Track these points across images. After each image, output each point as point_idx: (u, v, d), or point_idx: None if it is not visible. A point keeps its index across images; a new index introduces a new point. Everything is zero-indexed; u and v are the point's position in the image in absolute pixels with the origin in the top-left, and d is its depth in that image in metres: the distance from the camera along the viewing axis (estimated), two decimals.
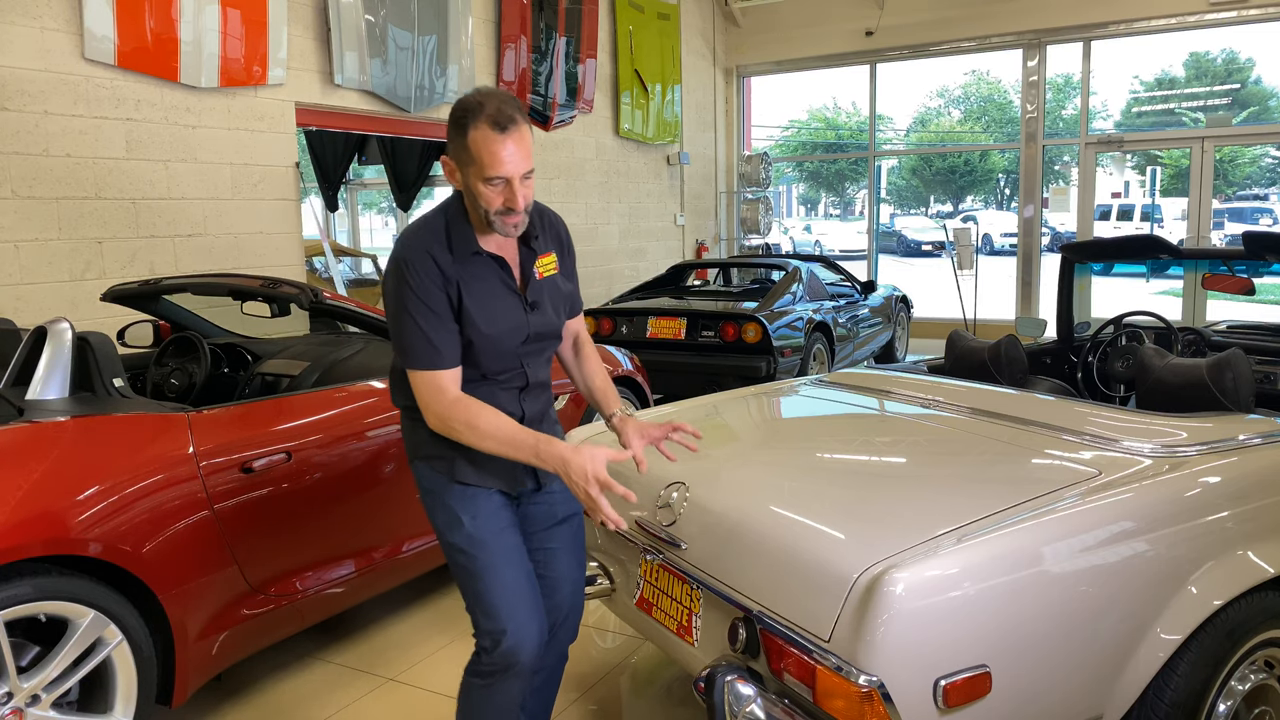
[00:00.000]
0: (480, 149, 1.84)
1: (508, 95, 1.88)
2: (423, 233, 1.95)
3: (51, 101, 4.52)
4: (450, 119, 1.89)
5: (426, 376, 1.91)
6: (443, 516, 2.03)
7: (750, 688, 1.87)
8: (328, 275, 9.15)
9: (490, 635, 1.97)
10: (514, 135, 1.84)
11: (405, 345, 1.92)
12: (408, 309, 1.91)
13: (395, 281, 1.92)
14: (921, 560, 1.71)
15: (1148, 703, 1.92)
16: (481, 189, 1.87)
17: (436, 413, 1.91)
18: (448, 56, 6.79)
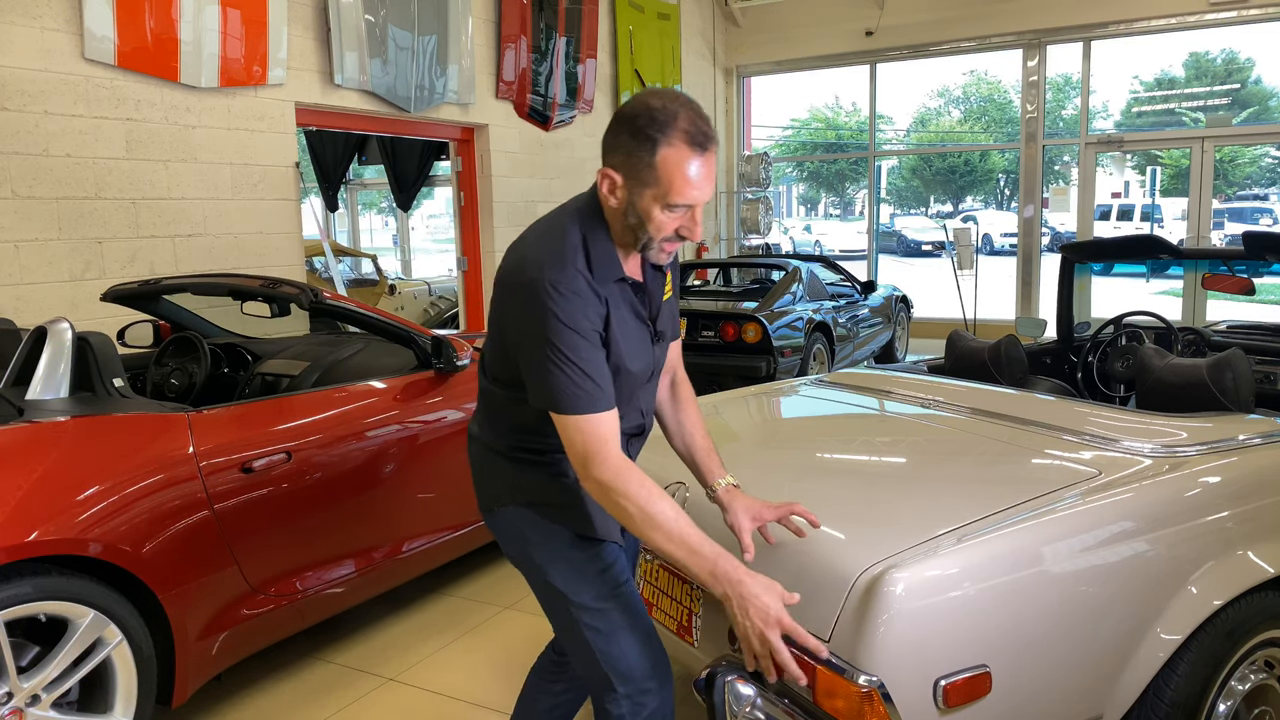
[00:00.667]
0: (672, 171, 1.57)
1: (696, 104, 1.61)
2: (563, 249, 1.63)
3: (51, 101, 4.52)
4: (628, 126, 1.60)
5: (588, 423, 1.59)
6: (563, 573, 1.76)
7: (750, 688, 1.86)
8: (328, 275, 9.16)
9: (631, 699, 1.75)
10: (710, 155, 1.60)
11: (557, 386, 1.59)
12: (558, 342, 1.58)
13: (536, 308, 1.59)
14: (921, 560, 1.71)
15: (1148, 703, 1.92)
16: (657, 214, 1.61)
17: (603, 475, 1.59)
18: (448, 56, 6.79)
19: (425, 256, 20.43)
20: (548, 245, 1.65)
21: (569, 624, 1.79)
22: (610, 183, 1.64)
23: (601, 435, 1.60)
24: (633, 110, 1.61)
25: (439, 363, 3.58)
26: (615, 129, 1.63)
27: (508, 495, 1.80)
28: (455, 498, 3.63)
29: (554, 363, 1.59)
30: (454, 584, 3.93)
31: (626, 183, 1.62)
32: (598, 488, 1.61)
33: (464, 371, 3.70)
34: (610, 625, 1.76)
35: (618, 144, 1.62)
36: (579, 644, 1.79)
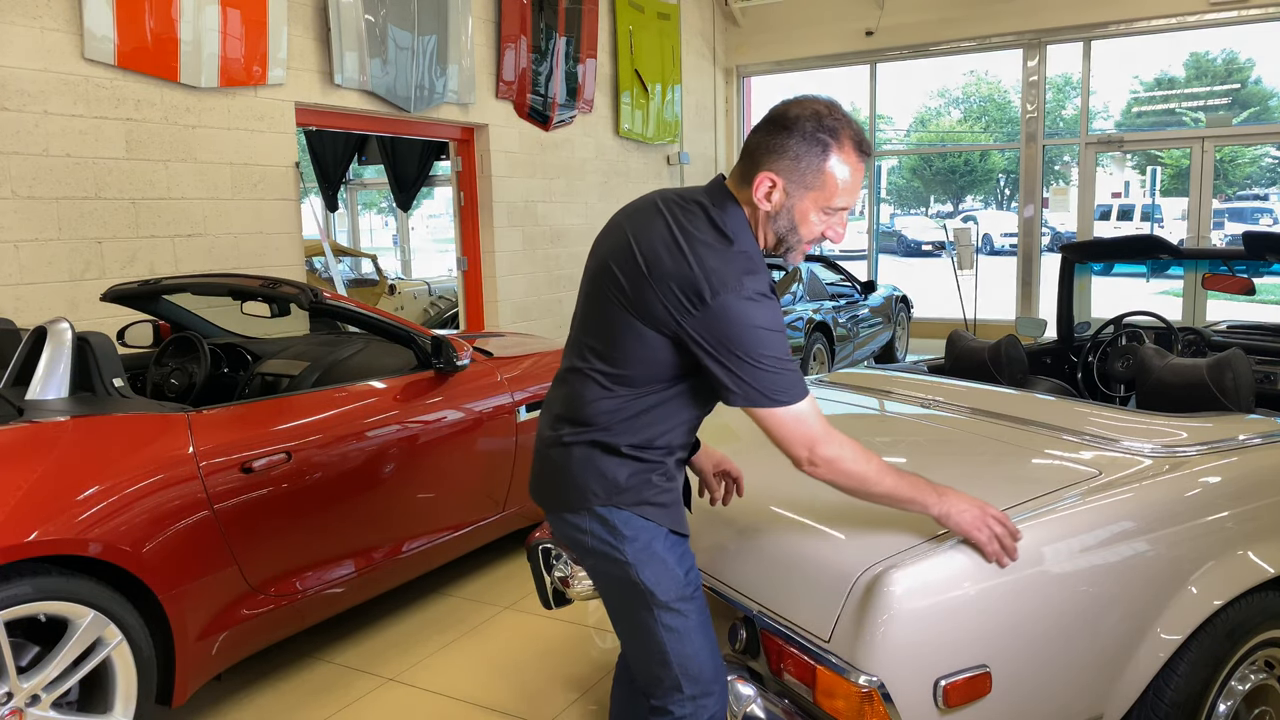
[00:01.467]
0: (841, 176, 1.66)
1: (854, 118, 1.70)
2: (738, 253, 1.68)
3: (51, 101, 4.52)
4: (796, 131, 1.65)
5: (808, 407, 1.68)
6: (654, 571, 1.77)
7: (750, 688, 1.86)
8: (327, 275, 9.16)
9: (695, 700, 1.79)
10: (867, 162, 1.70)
11: (775, 384, 1.64)
12: (770, 345, 1.64)
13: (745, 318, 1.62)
14: (921, 560, 1.71)
15: (1148, 703, 1.92)
16: (813, 217, 1.69)
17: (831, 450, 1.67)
18: (448, 56, 6.78)
19: (425, 256, 20.43)
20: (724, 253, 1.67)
21: (644, 623, 1.80)
22: (770, 185, 1.68)
23: (817, 419, 1.69)
24: (799, 114, 1.66)
25: (439, 363, 3.58)
26: (778, 132, 1.67)
27: (605, 497, 1.78)
28: (455, 498, 3.63)
29: (764, 366, 1.64)
30: (454, 584, 3.93)
31: (787, 185, 1.67)
32: (827, 464, 1.68)
33: (464, 371, 3.70)
34: (686, 626, 1.79)
35: (783, 147, 1.66)
36: (651, 643, 1.80)
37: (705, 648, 1.80)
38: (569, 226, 8.51)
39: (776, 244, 1.74)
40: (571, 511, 1.82)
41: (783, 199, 1.68)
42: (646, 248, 1.71)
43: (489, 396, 3.79)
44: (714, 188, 1.76)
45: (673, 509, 1.82)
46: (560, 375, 1.89)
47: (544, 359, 4.23)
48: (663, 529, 1.79)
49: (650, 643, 1.80)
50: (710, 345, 1.65)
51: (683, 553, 1.82)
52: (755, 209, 1.71)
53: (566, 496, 1.82)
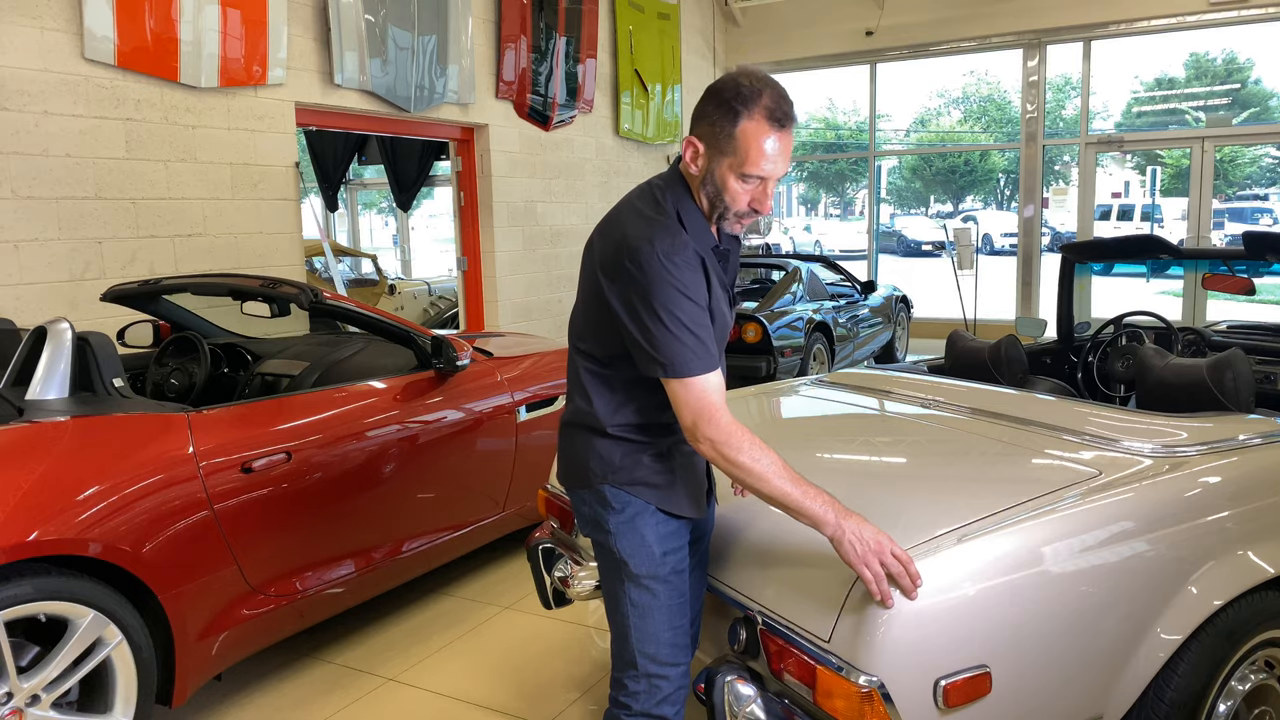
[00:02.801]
0: (750, 142, 1.68)
1: (781, 86, 1.72)
2: (664, 220, 1.73)
3: (51, 101, 4.52)
4: (715, 98, 1.71)
5: (700, 383, 1.68)
6: (630, 542, 1.83)
7: (750, 688, 1.86)
8: (327, 275, 9.15)
9: (650, 679, 1.85)
10: (787, 133, 1.71)
11: (672, 350, 1.67)
12: (674, 308, 1.67)
13: (650, 278, 1.67)
14: (921, 560, 1.71)
15: (1148, 703, 1.92)
16: (732, 184, 1.72)
17: (715, 434, 1.67)
18: (448, 56, 6.78)
19: (425, 256, 20.44)
20: (650, 219, 1.74)
21: (615, 593, 1.88)
22: (694, 150, 1.75)
23: (712, 395, 1.69)
24: (722, 84, 1.73)
25: (439, 363, 3.58)
26: (704, 100, 1.75)
27: (602, 475, 1.86)
28: (455, 498, 3.63)
29: (668, 329, 1.67)
30: (454, 584, 3.93)
31: (707, 151, 1.73)
32: (710, 446, 1.69)
33: (464, 371, 3.70)
34: (651, 604, 1.84)
35: (704, 114, 1.73)
36: (618, 614, 1.88)
37: (667, 629, 1.85)
38: (569, 226, 8.51)
39: (710, 210, 1.78)
40: (577, 488, 1.93)
41: (705, 164, 1.74)
42: (601, 227, 1.84)
43: (489, 396, 3.79)
44: (672, 167, 1.85)
45: (666, 490, 1.86)
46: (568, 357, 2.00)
47: (544, 359, 4.23)
48: (650, 506, 1.84)
49: (617, 614, 1.89)
50: (621, 307, 1.73)
51: (668, 534, 1.86)
52: (690, 176, 1.79)
53: (573, 474, 1.93)
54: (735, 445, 1.67)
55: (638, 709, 1.87)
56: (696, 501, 1.93)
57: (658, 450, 1.87)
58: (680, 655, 1.89)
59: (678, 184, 1.81)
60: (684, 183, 1.81)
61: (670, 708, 1.89)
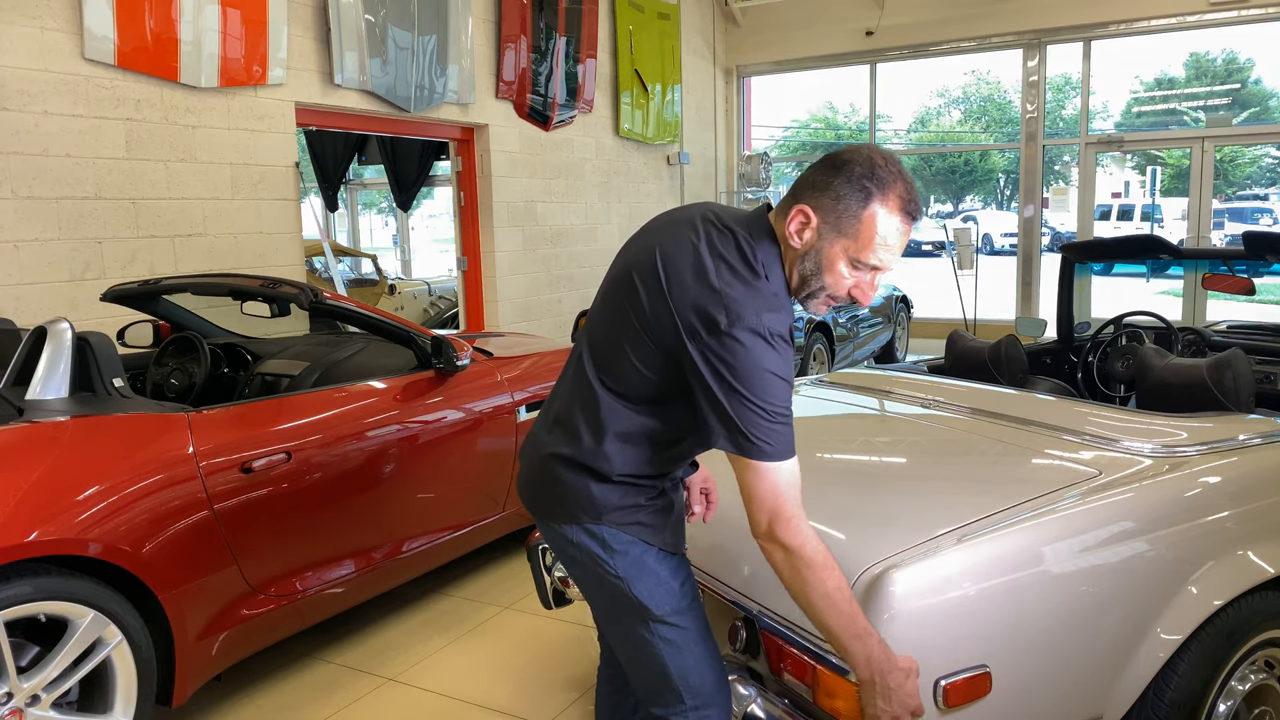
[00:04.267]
0: (875, 230, 1.57)
1: (911, 177, 1.61)
2: (767, 290, 1.59)
3: (51, 101, 4.52)
4: (844, 171, 1.57)
5: (784, 471, 1.54)
6: (647, 586, 1.72)
7: (750, 688, 1.87)
8: (327, 275, 9.15)
9: (698, 711, 1.75)
10: (909, 228, 1.59)
11: (765, 431, 1.53)
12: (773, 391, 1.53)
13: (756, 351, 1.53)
14: (922, 560, 1.71)
15: (1148, 703, 1.92)
16: (841, 268, 1.60)
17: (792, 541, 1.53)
18: (448, 56, 6.78)
19: (425, 256, 20.43)
20: (753, 286, 1.58)
21: (641, 637, 1.76)
22: (803, 221, 1.60)
23: (794, 491, 1.55)
24: (853, 158, 1.59)
25: (439, 363, 3.58)
26: (827, 171, 1.60)
27: (594, 516, 1.72)
28: (455, 498, 3.63)
29: (761, 410, 1.53)
30: (454, 584, 3.93)
31: (821, 226, 1.59)
32: (782, 552, 1.55)
33: (464, 372, 3.70)
34: (684, 639, 1.75)
35: (826, 185, 1.58)
36: (649, 657, 1.76)
37: (705, 658, 1.77)
38: (569, 226, 8.51)
39: (800, 287, 1.64)
40: (560, 523, 1.77)
41: (814, 238, 1.60)
42: (670, 264, 1.64)
43: (489, 396, 3.79)
44: (755, 217, 1.68)
45: (663, 529, 1.76)
46: (565, 370, 1.85)
47: (544, 359, 4.23)
48: (653, 547, 1.74)
49: (648, 656, 1.76)
50: (710, 374, 1.56)
51: (675, 565, 1.77)
52: (788, 245, 1.63)
53: (555, 508, 1.77)
54: (808, 561, 1.53)
55: None
56: (682, 534, 1.86)
57: (656, 491, 1.77)
58: (723, 683, 1.79)
59: (767, 240, 1.63)
60: (773, 239, 1.64)
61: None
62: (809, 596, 1.54)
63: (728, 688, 1.82)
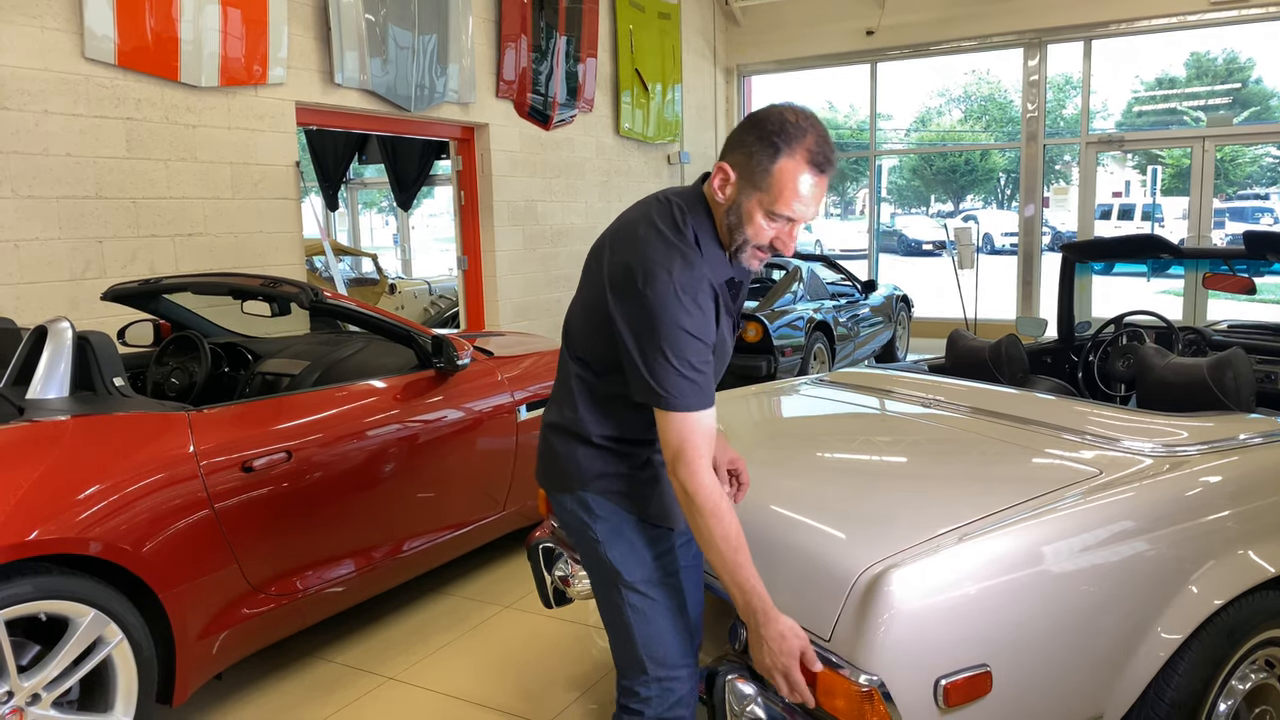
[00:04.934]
0: (785, 181, 1.64)
1: (826, 131, 1.67)
2: (684, 248, 1.68)
3: (52, 101, 4.52)
4: (757, 129, 1.66)
5: (696, 421, 1.64)
6: (621, 550, 1.82)
7: (751, 687, 1.86)
8: (328, 274, 9.15)
9: (661, 682, 1.83)
10: (824, 180, 1.67)
11: (669, 384, 1.63)
12: (681, 345, 1.63)
13: (665, 305, 1.63)
14: (922, 560, 1.71)
15: (1148, 702, 1.92)
16: (759, 220, 1.68)
17: (689, 483, 1.64)
18: (448, 56, 6.78)
19: (425, 256, 20.43)
20: (671, 244, 1.69)
21: (613, 601, 1.86)
22: (724, 177, 1.69)
23: (698, 439, 1.65)
24: (766, 116, 1.67)
25: (439, 362, 3.58)
26: (744, 129, 1.69)
27: (582, 482, 1.84)
28: (456, 497, 3.63)
29: (671, 362, 1.63)
30: (454, 583, 3.93)
31: (739, 181, 1.68)
32: (682, 491, 1.67)
33: (464, 371, 3.70)
34: (653, 610, 1.83)
35: (742, 142, 1.68)
36: (619, 622, 1.86)
37: (671, 631, 1.84)
38: (569, 226, 8.51)
39: (729, 241, 1.74)
40: (558, 491, 1.92)
41: (734, 193, 1.69)
42: (616, 237, 1.78)
43: (489, 396, 3.79)
44: (695, 186, 1.79)
45: (646, 500, 1.85)
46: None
47: (544, 358, 4.23)
48: (633, 516, 1.84)
49: (618, 623, 1.86)
50: (627, 330, 1.68)
51: (655, 537, 1.85)
52: (715, 203, 1.73)
53: (554, 478, 1.92)
54: (701, 507, 1.64)
55: (651, 714, 1.85)
56: (674, 511, 1.88)
57: (640, 461, 1.85)
58: (688, 655, 1.87)
59: (700, 206, 1.75)
60: (706, 205, 1.75)
61: (685, 709, 1.87)
62: (700, 537, 1.67)
63: (692, 662, 1.88)
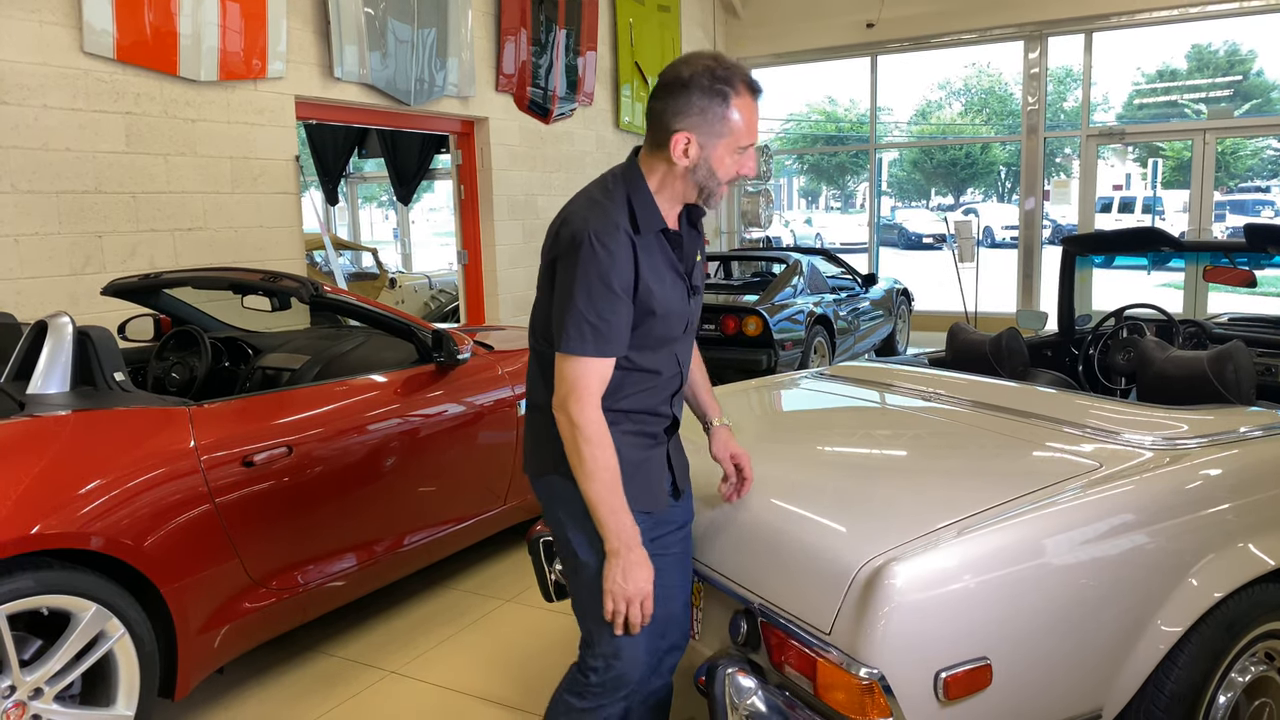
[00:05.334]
0: (743, 117, 1.79)
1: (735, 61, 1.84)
2: (607, 207, 1.79)
3: (51, 95, 4.51)
4: (695, 89, 1.75)
5: (586, 364, 1.75)
6: (577, 536, 1.89)
7: (751, 680, 1.87)
8: (328, 269, 9.15)
9: (605, 657, 1.91)
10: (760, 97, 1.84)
11: (572, 327, 1.74)
12: (590, 291, 1.73)
13: (578, 258, 1.74)
14: (922, 553, 1.71)
15: (1148, 695, 1.92)
16: (728, 160, 1.81)
17: (578, 416, 1.74)
18: (447, 49, 6.77)
19: (426, 250, 20.42)
20: (595, 202, 1.81)
21: (573, 580, 1.96)
22: (686, 142, 1.78)
23: (592, 382, 1.77)
24: (693, 73, 1.77)
25: (440, 356, 3.58)
26: (678, 94, 1.77)
27: (551, 464, 1.90)
28: (456, 491, 3.63)
29: (578, 305, 1.74)
30: (456, 577, 3.94)
31: (700, 139, 1.78)
32: (568, 423, 1.77)
33: (465, 365, 3.70)
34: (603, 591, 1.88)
35: (688, 107, 1.77)
36: (576, 599, 1.97)
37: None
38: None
39: (699, 193, 1.85)
40: (534, 476, 1.99)
41: (699, 152, 1.79)
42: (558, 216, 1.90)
43: (490, 390, 3.79)
44: (628, 158, 1.91)
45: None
46: None
47: None
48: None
49: (576, 599, 1.97)
50: (557, 284, 1.80)
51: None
52: (673, 166, 1.82)
53: (531, 463, 2.00)
54: (586, 435, 1.75)
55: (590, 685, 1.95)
56: (651, 494, 1.91)
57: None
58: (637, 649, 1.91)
59: (633, 172, 1.86)
60: (639, 170, 1.86)
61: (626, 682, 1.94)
62: (582, 466, 1.76)
63: (646, 651, 1.93)
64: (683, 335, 1.94)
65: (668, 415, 1.96)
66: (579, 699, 1.96)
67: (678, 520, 2.03)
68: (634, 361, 1.85)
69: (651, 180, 1.85)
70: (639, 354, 1.85)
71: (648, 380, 1.89)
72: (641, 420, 1.90)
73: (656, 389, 1.91)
